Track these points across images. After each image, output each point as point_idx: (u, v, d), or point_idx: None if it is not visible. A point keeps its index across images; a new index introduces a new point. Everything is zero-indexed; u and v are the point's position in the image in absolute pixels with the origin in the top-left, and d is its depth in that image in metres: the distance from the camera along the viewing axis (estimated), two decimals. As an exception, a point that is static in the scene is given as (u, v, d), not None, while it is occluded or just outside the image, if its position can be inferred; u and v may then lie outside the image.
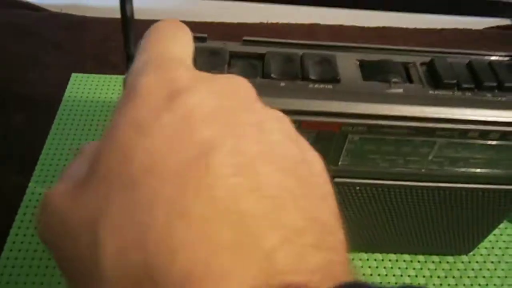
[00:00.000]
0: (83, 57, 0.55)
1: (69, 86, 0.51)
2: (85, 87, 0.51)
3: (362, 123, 0.25)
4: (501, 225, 0.41)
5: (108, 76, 0.53)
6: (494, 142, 0.26)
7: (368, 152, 0.27)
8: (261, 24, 0.64)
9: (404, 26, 0.66)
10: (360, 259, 0.38)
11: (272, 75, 0.25)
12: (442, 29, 0.65)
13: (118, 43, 0.60)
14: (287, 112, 0.25)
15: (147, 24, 0.18)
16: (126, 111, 0.14)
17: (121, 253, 0.12)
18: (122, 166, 0.13)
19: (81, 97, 0.50)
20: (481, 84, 0.25)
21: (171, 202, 0.12)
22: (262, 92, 0.24)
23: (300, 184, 0.14)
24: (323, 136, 0.26)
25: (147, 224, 0.12)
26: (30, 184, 0.41)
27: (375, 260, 0.38)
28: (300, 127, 0.25)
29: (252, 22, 0.64)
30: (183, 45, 0.17)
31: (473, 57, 0.27)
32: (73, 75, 0.53)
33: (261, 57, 0.26)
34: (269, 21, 0.65)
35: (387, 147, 0.26)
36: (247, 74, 0.25)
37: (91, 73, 0.53)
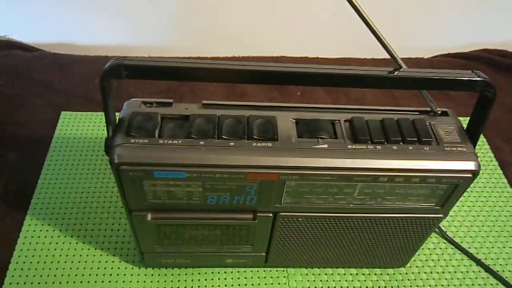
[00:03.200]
0: (70, 96, 0.61)
1: (59, 124, 0.57)
2: (74, 125, 0.57)
3: (295, 173, 0.31)
4: (435, 240, 0.48)
5: (94, 113, 0.59)
6: (401, 184, 0.33)
7: (304, 193, 0.33)
8: (233, 57, 0.71)
9: (363, 56, 0.73)
10: (313, 274, 0.44)
11: (224, 136, 0.31)
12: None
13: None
14: (235, 166, 0.32)
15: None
16: None
17: None
18: None
19: (70, 134, 0.56)
20: (389, 138, 0.32)
21: None
22: (213, 151, 0.31)
23: None
24: (266, 183, 0.32)
25: None
26: (25, 220, 0.47)
27: (326, 274, 0.44)
28: (246, 178, 0.31)
29: (225, 56, 0.70)
30: None
31: (386, 114, 0.34)
32: (62, 113, 0.59)
33: (216, 119, 0.32)
34: (241, 55, 0.71)
35: (318, 189, 0.33)
36: (204, 135, 0.31)
37: (78, 111, 0.59)
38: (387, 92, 0.68)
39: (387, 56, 0.32)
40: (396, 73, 0.30)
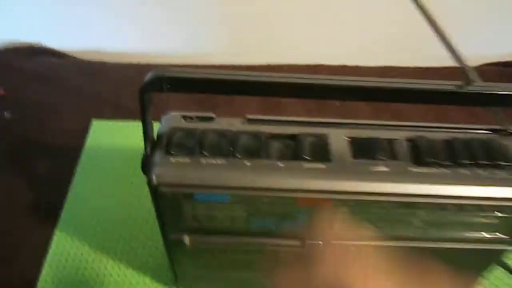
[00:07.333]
0: (102, 104, 0.60)
1: (90, 133, 0.55)
2: (105, 134, 0.55)
3: (350, 198, 0.28)
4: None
5: (125, 122, 0.57)
6: (471, 213, 0.29)
7: (358, 219, 0.30)
8: (268, 66, 0.68)
9: (404, 65, 0.69)
10: (359, 303, 0.41)
11: (272, 156, 0.28)
12: (441, 68, 0.68)
13: (133, 88, 0.64)
14: (284, 190, 0.29)
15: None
16: None
17: None
18: None
19: (101, 143, 0.54)
20: (458, 161, 0.28)
21: None
22: (261, 173, 0.28)
23: None
24: (318, 208, 0.29)
25: None
26: (55, 235, 0.45)
27: (373, 304, 0.41)
28: (296, 203, 0.28)
29: (259, 64, 0.67)
30: None
31: (453, 133, 0.30)
32: (94, 122, 0.57)
33: (263, 137, 0.29)
34: (275, 63, 0.68)
35: (374, 216, 0.30)
36: (251, 155, 0.28)
37: (108, 119, 0.57)
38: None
39: (427, 64, 0.29)
40: (468, 88, 0.27)
